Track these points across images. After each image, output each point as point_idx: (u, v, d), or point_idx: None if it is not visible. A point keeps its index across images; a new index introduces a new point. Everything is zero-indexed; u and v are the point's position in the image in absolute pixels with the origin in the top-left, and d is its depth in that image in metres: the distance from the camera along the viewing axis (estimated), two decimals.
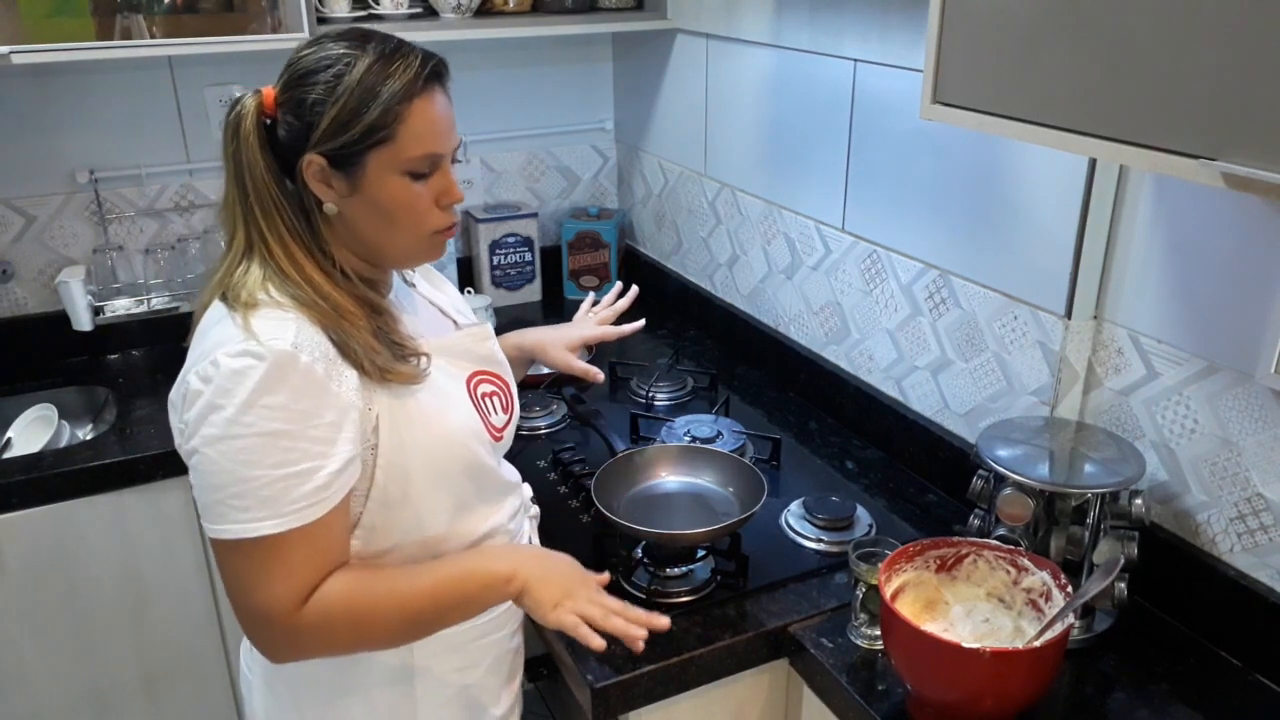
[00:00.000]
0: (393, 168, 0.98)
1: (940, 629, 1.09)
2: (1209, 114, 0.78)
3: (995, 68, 0.97)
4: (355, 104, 0.95)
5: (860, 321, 1.68)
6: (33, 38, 1.57)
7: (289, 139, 0.98)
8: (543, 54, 2.29)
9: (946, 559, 1.14)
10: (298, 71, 0.97)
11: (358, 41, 0.98)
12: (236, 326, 0.93)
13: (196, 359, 0.94)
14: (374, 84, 0.95)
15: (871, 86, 1.56)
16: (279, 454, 0.90)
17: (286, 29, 1.73)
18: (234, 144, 0.98)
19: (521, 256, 2.32)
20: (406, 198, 1.00)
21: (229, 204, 1.00)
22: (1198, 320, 1.15)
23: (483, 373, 1.14)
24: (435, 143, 0.99)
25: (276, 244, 0.98)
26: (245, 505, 0.91)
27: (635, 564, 1.32)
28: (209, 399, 0.90)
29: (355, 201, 0.99)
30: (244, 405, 0.89)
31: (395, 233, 1.02)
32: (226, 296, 0.97)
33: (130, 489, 1.66)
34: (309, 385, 0.92)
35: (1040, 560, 1.10)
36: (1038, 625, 1.06)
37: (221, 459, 0.90)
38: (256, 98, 0.98)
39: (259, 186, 0.98)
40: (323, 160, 0.97)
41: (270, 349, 0.90)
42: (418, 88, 0.97)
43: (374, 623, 0.98)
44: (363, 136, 0.95)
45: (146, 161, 2.00)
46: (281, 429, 0.90)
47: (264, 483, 0.90)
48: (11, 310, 2.00)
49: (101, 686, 1.75)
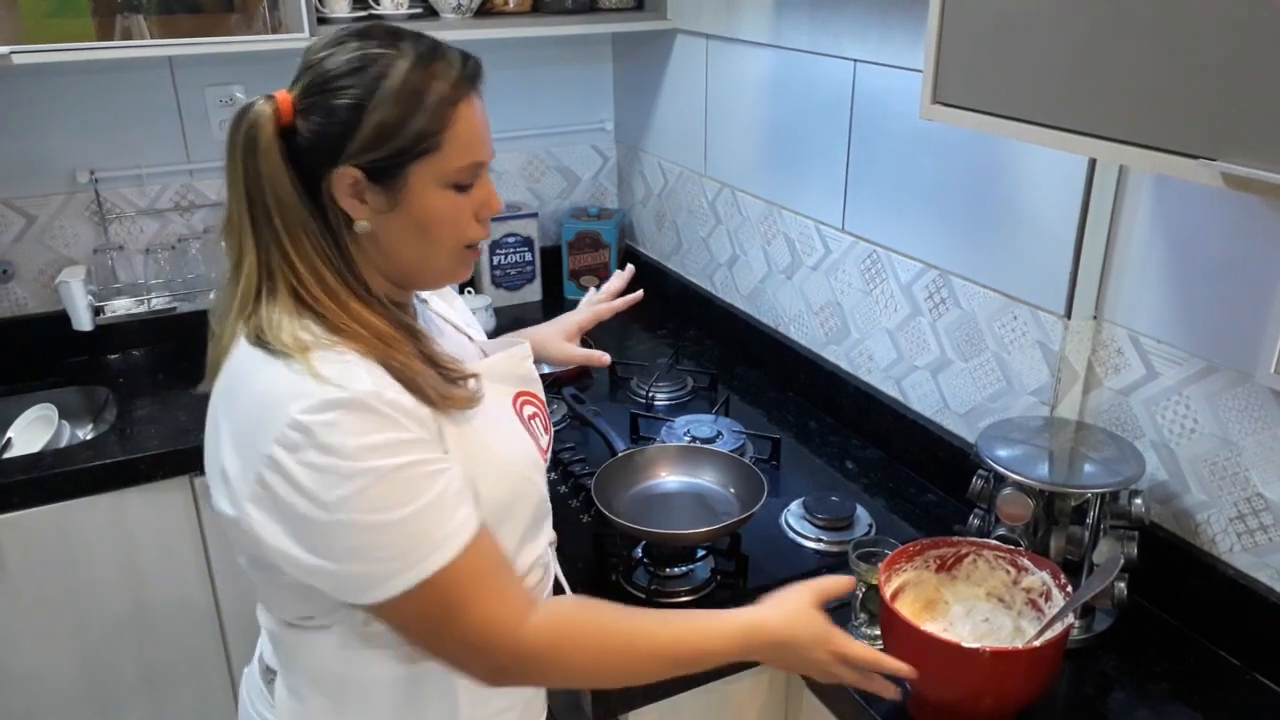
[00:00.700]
0: (437, 179, 0.89)
1: (940, 629, 1.09)
2: (1209, 114, 0.78)
3: (995, 68, 0.97)
4: (400, 110, 0.85)
5: (860, 321, 1.68)
6: (33, 38, 1.57)
7: (315, 150, 0.87)
8: (543, 54, 2.29)
9: (946, 559, 1.14)
10: (325, 74, 0.87)
11: (390, 40, 0.88)
12: (296, 375, 0.82)
13: (261, 421, 0.82)
14: (418, 87, 0.86)
15: (871, 87, 1.56)
16: (413, 486, 0.82)
17: (287, 29, 1.73)
18: (250, 157, 0.86)
19: (521, 256, 2.32)
20: (449, 212, 0.91)
21: (237, 225, 0.88)
22: (1197, 320, 1.15)
23: (525, 393, 1.07)
24: (479, 150, 0.91)
25: (308, 270, 0.87)
26: (405, 549, 0.82)
27: (635, 564, 1.32)
28: (318, 464, 0.80)
29: (392, 218, 0.89)
30: (360, 454, 0.80)
31: (433, 250, 0.92)
32: (261, 339, 0.85)
33: (131, 489, 1.66)
34: (403, 415, 0.84)
35: (1040, 560, 1.10)
36: (1037, 625, 1.06)
37: (362, 517, 0.80)
38: (271, 104, 0.87)
39: (284, 205, 0.86)
40: (358, 173, 0.86)
41: (354, 392, 0.81)
42: (461, 91, 0.89)
43: (613, 648, 0.92)
44: (408, 146, 0.86)
45: (147, 161, 2.00)
46: (404, 461, 0.82)
47: (413, 518, 0.82)
48: (12, 310, 2.00)
49: (102, 686, 1.75)
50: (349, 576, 0.83)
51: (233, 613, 1.80)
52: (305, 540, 0.82)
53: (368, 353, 0.86)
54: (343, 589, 0.84)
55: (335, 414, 0.80)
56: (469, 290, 2.26)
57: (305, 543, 0.82)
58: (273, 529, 0.82)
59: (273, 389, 0.82)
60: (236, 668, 1.84)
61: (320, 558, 0.82)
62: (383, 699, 0.97)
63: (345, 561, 0.82)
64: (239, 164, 0.87)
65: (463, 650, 0.87)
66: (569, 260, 2.37)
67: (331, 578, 0.83)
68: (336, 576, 0.83)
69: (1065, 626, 1.01)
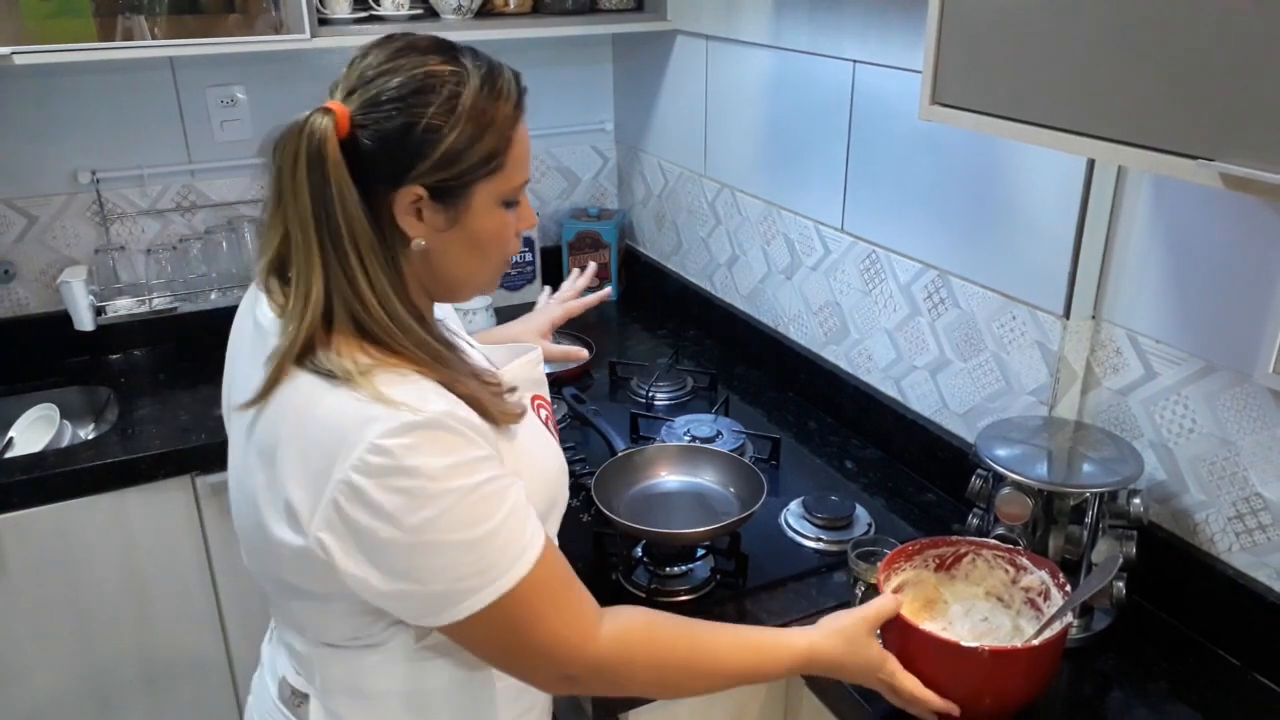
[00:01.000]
0: (496, 198, 0.89)
1: (939, 628, 1.09)
2: (1207, 114, 0.78)
3: (994, 68, 0.97)
4: (473, 131, 0.85)
5: (859, 321, 1.68)
6: (35, 39, 1.58)
7: (378, 168, 0.84)
8: (543, 55, 2.29)
9: (945, 558, 1.14)
10: (391, 88, 0.84)
11: (448, 55, 0.87)
12: (365, 400, 0.80)
13: (335, 448, 0.80)
14: (486, 108, 0.86)
15: (870, 87, 1.56)
16: (491, 501, 0.82)
17: (287, 29, 1.73)
18: (315, 173, 0.82)
19: (522, 256, 2.33)
20: (500, 229, 0.91)
21: (300, 249, 0.84)
22: (1196, 320, 1.15)
23: (538, 397, 1.07)
24: (528, 169, 0.92)
25: (371, 292, 0.84)
26: (485, 565, 0.82)
27: (635, 563, 1.32)
28: (402, 487, 0.79)
29: (448, 235, 0.89)
30: (443, 474, 0.80)
31: (483, 266, 0.93)
32: (315, 364, 0.83)
33: (132, 488, 1.66)
34: (476, 432, 0.84)
35: (1039, 559, 1.10)
36: (1036, 624, 1.06)
37: (446, 536, 0.80)
38: (330, 117, 0.82)
39: (354, 224, 0.83)
40: (423, 191, 0.85)
41: (430, 414, 0.80)
42: (519, 110, 0.90)
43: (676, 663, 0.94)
44: (477, 166, 0.86)
45: (148, 162, 2.00)
46: (482, 479, 0.82)
47: (492, 534, 0.82)
48: (13, 310, 2.01)
49: (103, 685, 1.76)
50: (429, 597, 0.82)
51: (233, 613, 1.80)
52: (385, 564, 0.81)
53: (430, 375, 0.85)
54: (420, 610, 0.84)
55: (414, 436, 0.79)
56: None
57: (385, 567, 0.81)
58: (351, 556, 0.81)
59: (343, 415, 0.80)
60: (237, 668, 1.84)
61: (401, 581, 0.81)
62: (427, 709, 0.96)
63: (427, 583, 0.81)
64: (303, 181, 0.82)
65: (535, 661, 0.88)
66: (569, 260, 2.38)
67: (411, 599, 0.83)
68: (416, 598, 0.83)
69: (1064, 625, 1.01)
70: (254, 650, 1.10)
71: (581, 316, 1.49)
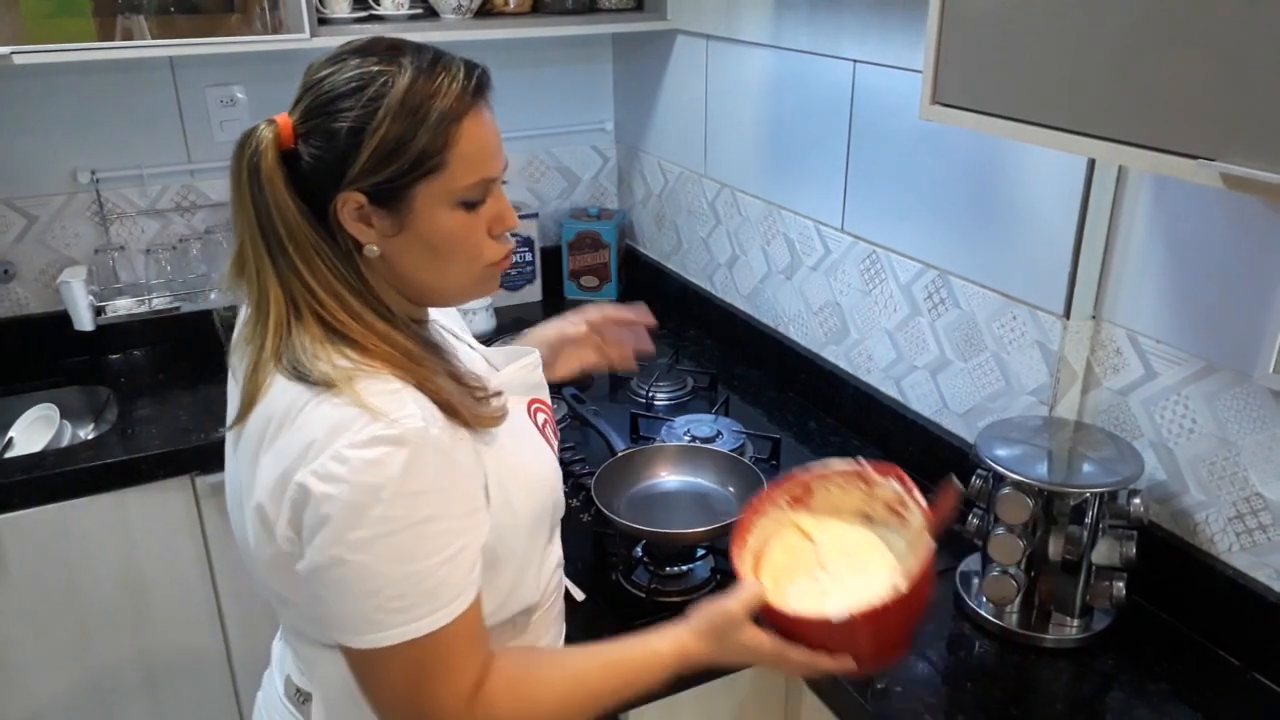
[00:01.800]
0: (444, 199, 0.86)
1: (813, 589, 1.02)
2: (1207, 114, 0.78)
3: (994, 68, 0.97)
4: (400, 131, 0.82)
5: (859, 321, 1.68)
6: (34, 38, 1.58)
7: (317, 175, 0.84)
8: (543, 55, 2.29)
9: (797, 493, 1.08)
10: (323, 94, 0.84)
11: (390, 54, 0.85)
12: (342, 407, 0.80)
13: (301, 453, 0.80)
14: (418, 105, 0.82)
15: (871, 87, 1.56)
16: (435, 540, 0.80)
17: (287, 29, 1.73)
18: (253, 186, 0.84)
19: (522, 257, 2.33)
20: (459, 231, 0.87)
21: (251, 256, 0.85)
22: (1196, 320, 1.15)
23: (536, 400, 1.05)
24: (488, 166, 0.87)
25: (329, 296, 0.84)
26: (407, 604, 0.79)
27: (635, 563, 1.32)
28: (349, 499, 0.77)
29: (401, 240, 0.87)
30: (394, 498, 0.78)
31: (448, 270, 0.90)
32: (299, 371, 0.83)
33: (132, 488, 1.66)
34: (444, 460, 0.81)
35: (882, 467, 1.05)
36: (903, 534, 1.02)
37: (376, 561, 0.78)
38: (272, 128, 0.84)
39: (295, 233, 0.84)
40: (362, 198, 0.84)
41: (404, 429, 0.79)
42: (466, 105, 0.85)
43: (552, 703, 0.90)
44: (410, 168, 0.83)
45: (148, 162, 2.00)
46: (433, 513, 0.80)
47: (425, 574, 0.79)
48: (13, 310, 2.01)
49: (103, 685, 1.76)
50: (341, 615, 0.80)
51: (234, 612, 1.80)
52: (309, 568, 0.80)
53: (405, 377, 0.84)
54: (332, 625, 0.82)
55: (379, 451, 0.78)
56: None
57: (308, 571, 0.80)
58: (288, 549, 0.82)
59: (320, 423, 0.80)
60: (237, 667, 1.84)
61: (318, 589, 0.80)
62: None
63: (342, 599, 0.80)
64: (246, 193, 0.84)
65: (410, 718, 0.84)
66: (569, 260, 2.38)
67: (316, 610, 0.81)
68: (332, 612, 0.81)
69: (927, 552, 0.95)
70: (254, 650, 1.10)
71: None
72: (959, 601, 1.26)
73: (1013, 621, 1.20)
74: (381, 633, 0.80)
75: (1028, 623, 1.20)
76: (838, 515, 1.08)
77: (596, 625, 1.22)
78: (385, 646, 0.80)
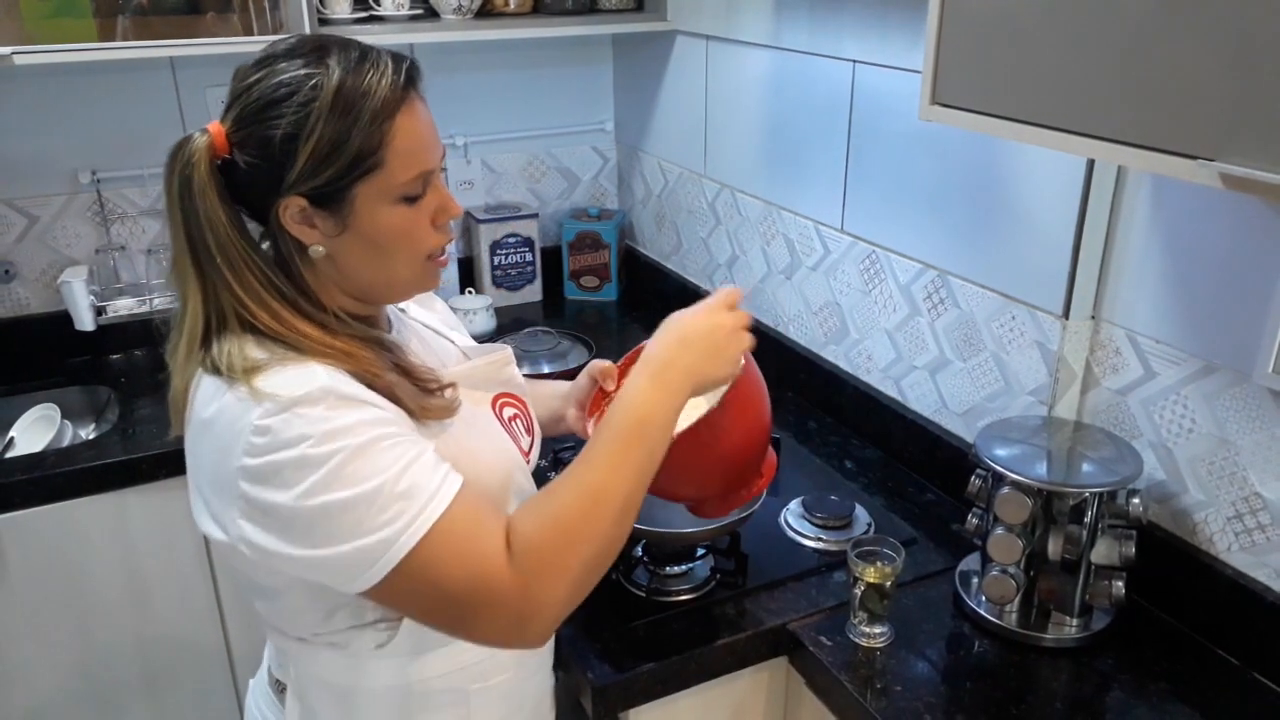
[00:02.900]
0: (384, 196, 0.86)
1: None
2: (1207, 114, 0.78)
3: (994, 68, 0.97)
4: (333, 134, 0.82)
5: (859, 321, 1.68)
6: (35, 39, 1.58)
7: (254, 183, 0.85)
8: (543, 55, 2.29)
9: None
10: (254, 102, 0.83)
11: (315, 55, 0.84)
12: (253, 391, 0.81)
13: (229, 443, 0.81)
14: (349, 106, 0.82)
15: (870, 87, 1.56)
16: (385, 456, 0.80)
17: (287, 29, 1.74)
18: (184, 197, 0.84)
19: (522, 257, 2.33)
20: (403, 225, 0.88)
21: (183, 264, 0.86)
22: (1195, 320, 1.16)
23: (505, 395, 1.06)
24: (425, 159, 0.87)
25: (257, 305, 0.85)
26: (391, 515, 0.79)
27: (635, 562, 1.32)
28: (285, 459, 0.78)
29: (345, 240, 0.87)
30: (324, 437, 0.79)
31: (393, 265, 0.90)
32: (216, 368, 0.84)
33: (132, 488, 1.66)
34: (369, 403, 0.83)
35: None
36: None
37: (337, 494, 0.78)
38: (205, 138, 0.84)
39: (224, 244, 0.84)
40: (304, 201, 0.84)
41: (314, 387, 0.80)
42: (397, 101, 0.84)
43: (578, 514, 0.85)
44: (348, 169, 0.83)
45: (148, 162, 2.00)
46: (370, 438, 0.80)
47: (392, 482, 0.80)
48: (14, 310, 2.01)
49: (103, 685, 1.76)
50: (341, 560, 0.80)
51: (234, 612, 1.80)
52: (293, 535, 0.80)
53: (337, 365, 0.84)
54: (345, 575, 0.81)
55: (292, 411, 0.79)
56: (469, 290, 2.26)
57: (293, 538, 0.80)
58: (266, 536, 0.81)
59: (230, 410, 0.81)
60: (238, 667, 1.84)
61: (314, 547, 0.80)
62: (394, 711, 0.97)
63: (334, 544, 0.79)
64: (176, 201, 0.85)
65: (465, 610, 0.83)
66: (569, 261, 2.38)
67: (325, 566, 0.81)
68: (330, 564, 0.80)
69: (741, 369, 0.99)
70: (253, 648, 1.12)
71: (582, 316, 1.48)
72: (958, 601, 1.26)
73: (1012, 621, 1.21)
74: (387, 556, 0.79)
75: (1027, 622, 1.20)
76: None
77: (597, 625, 1.22)
78: (403, 557, 0.79)
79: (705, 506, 1.14)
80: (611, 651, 1.17)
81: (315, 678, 0.97)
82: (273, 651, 1.05)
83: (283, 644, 0.98)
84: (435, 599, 0.82)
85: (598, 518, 0.86)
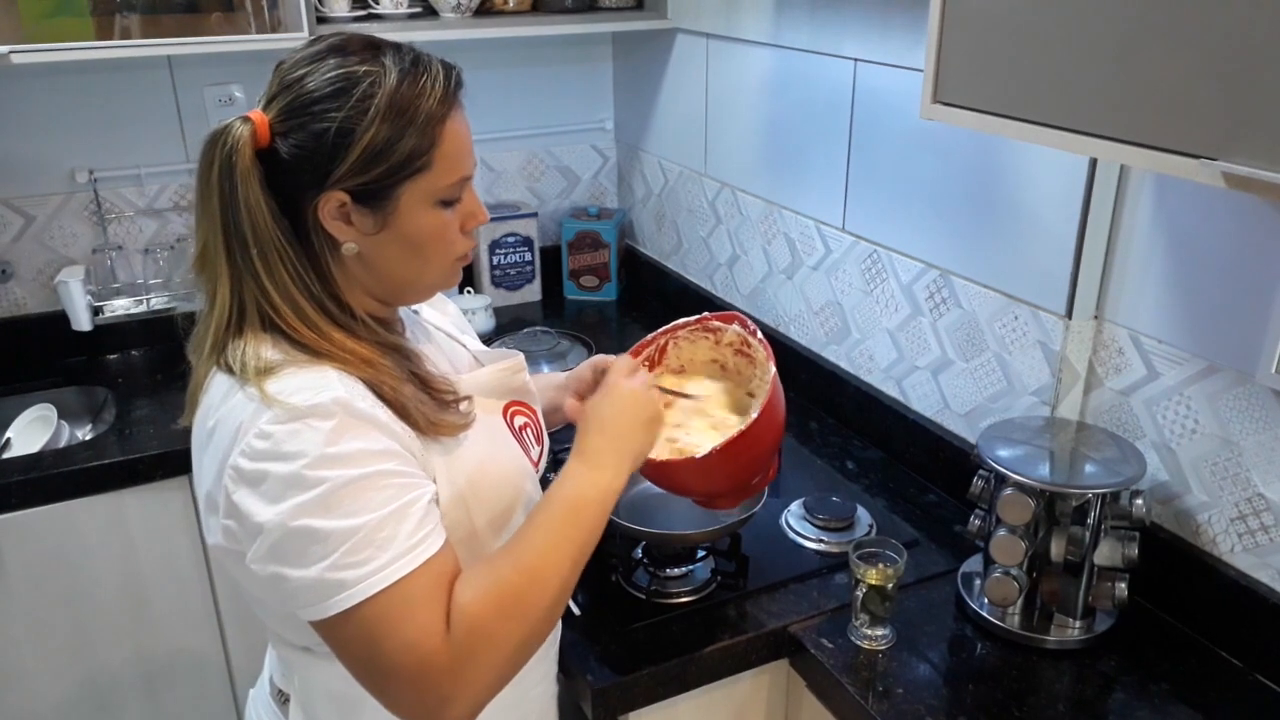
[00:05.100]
0: (427, 198, 0.87)
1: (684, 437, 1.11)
2: (1209, 113, 0.77)
3: (995, 67, 0.97)
4: (389, 132, 0.83)
5: (860, 321, 1.67)
6: (32, 38, 1.57)
7: (297, 174, 0.84)
8: (543, 54, 2.29)
9: (652, 357, 1.16)
10: (307, 94, 0.83)
11: (370, 54, 0.85)
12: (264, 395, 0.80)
13: (230, 441, 0.81)
14: (406, 106, 0.83)
15: (872, 86, 1.56)
16: (375, 495, 0.79)
17: (285, 28, 1.73)
18: (227, 182, 0.83)
19: (521, 256, 2.32)
20: (438, 229, 0.89)
21: (213, 254, 0.85)
22: (1198, 320, 1.15)
23: (516, 403, 1.06)
24: (466, 165, 0.89)
25: (284, 300, 0.84)
26: (361, 559, 0.77)
27: (635, 564, 1.32)
28: (278, 472, 0.78)
29: (380, 238, 0.87)
30: (321, 461, 0.77)
31: (425, 267, 0.91)
32: (229, 366, 0.84)
33: (129, 489, 1.66)
34: (372, 426, 0.81)
35: (725, 316, 1.16)
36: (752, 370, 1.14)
37: (320, 523, 0.77)
38: (248, 126, 0.83)
39: (262, 233, 0.83)
40: (345, 196, 0.84)
41: (320, 400, 0.79)
42: (448, 106, 0.86)
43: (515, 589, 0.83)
44: (398, 168, 0.84)
45: (146, 161, 2.00)
46: (367, 472, 0.79)
47: (373, 527, 0.78)
48: (11, 310, 2.00)
49: (100, 686, 1.75)
50: (301, 584, 0.78)
51: (231, 613, 1.80)
52: (262, 547, 0.79)
53: (353, 373, 0.84)
54: (295, 599, 0.79)
55: (300, 423, 0.78)
56: (468, 290, 2.25)
57: (262, 550, 0.79)
58: (242, 541, 0.81)
59: (245, 405, 0.81)
60: (236, 668, 1.84)
61: (277, 564, 0.78)
62: None
63: (302, 568, 0.77)
64: (215, 188, 0.84)
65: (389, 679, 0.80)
66: (569, 260, 2.37)
67: (283, 585, 0.79)
68: (290, 584, 0.78)
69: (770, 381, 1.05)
70: (251, 650, 1.11)
71: (582, 316, 1.48)
72: (961, 603, 1.25)
73: (1015, 623, 1.20)
74: (344, 593, 0.77)
75: (1030, 624, 1.20)
76: (692, 368, 1.19)
77: (597, 627, 1.21)
78: (356, 603, 0.77)
79: (720, 500, 1.15)
80: (611, 654, 1.17)
81: (320, 688, 0.96)
82: (275, 661, 1.04)
83: (287, 653, 0.97)
84: (367, 656, 0.80)
85: (536, 596, 0.84)
